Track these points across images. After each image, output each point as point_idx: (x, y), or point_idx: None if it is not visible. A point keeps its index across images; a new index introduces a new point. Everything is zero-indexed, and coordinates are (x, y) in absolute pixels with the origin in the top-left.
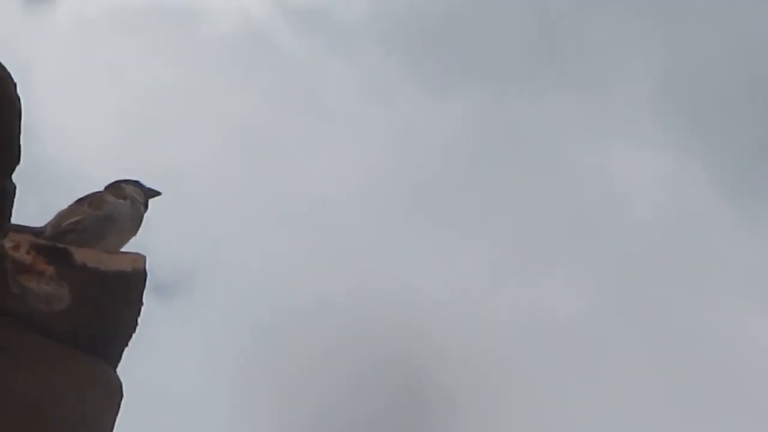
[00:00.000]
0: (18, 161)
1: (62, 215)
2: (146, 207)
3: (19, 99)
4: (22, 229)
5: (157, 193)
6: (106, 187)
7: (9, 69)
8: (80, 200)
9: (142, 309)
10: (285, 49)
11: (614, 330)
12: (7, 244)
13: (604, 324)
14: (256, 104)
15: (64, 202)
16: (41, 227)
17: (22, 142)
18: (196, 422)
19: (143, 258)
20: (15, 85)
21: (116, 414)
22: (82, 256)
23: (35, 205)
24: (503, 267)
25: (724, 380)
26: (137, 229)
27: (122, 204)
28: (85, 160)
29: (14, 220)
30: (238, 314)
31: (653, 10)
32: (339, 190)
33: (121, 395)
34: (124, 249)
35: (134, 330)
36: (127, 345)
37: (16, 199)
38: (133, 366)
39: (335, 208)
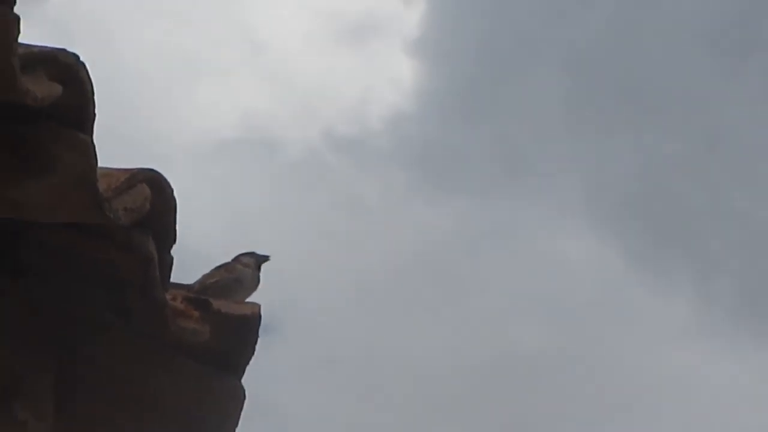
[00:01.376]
0: (174, 242)
1: (206, 276)
2: (260, 269)
3: (175, 201)
4: (178, 286)
5: (267, 258)
6: (234, 258)
7: (169, 181)
8: (218, 267)
9: (258, 340)
10: (335, 169)
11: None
12: (168, 297)
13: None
14: (321, 209)
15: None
16: (191, 284)
17: (177, 228)
18: None
19: (259, 306)
20: (172, 190)
21: (241, 411)
22: (218, 304)
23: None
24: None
25: None
26: (256, 287)
27: (246, 270)
28: (205, 243)
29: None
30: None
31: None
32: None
33: (244, 399)
34: (247, 300)
35: (253, 354)
36: (248, 364)
37: (174, 268)
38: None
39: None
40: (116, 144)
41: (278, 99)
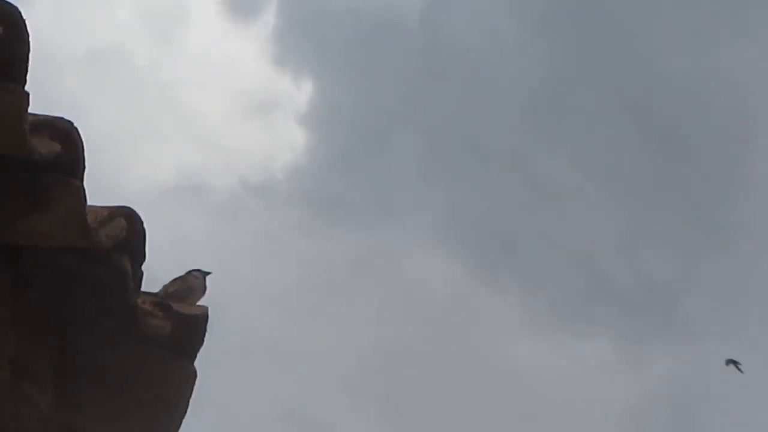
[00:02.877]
0: (144, 260)
1: (166, 286)
2: (205, 281)
3: (144, 232)
4: (146, 294)
5: (209, 273)
6: (186, 272)
7: (141, 216)
8: (175, 279)
9: (206, 333)
10: (250, 208)
11: None
12: (140, 301)
13: None
14: (242, 238)
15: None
16: (156, 292)
17: (146, 249)
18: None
19: (206, 308)
20: (142, 223)
21: (193, 386)
22: (177, 307)
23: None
24: None
25: None
26: (203, 294)
27: (196, 281)
28: (160, 264)
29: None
30: None
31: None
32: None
33: (196, 377)
34: (198, 303)
35: (202, 343)
36: (199, 350)
37: (144, 280)
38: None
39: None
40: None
41: (204, 156)
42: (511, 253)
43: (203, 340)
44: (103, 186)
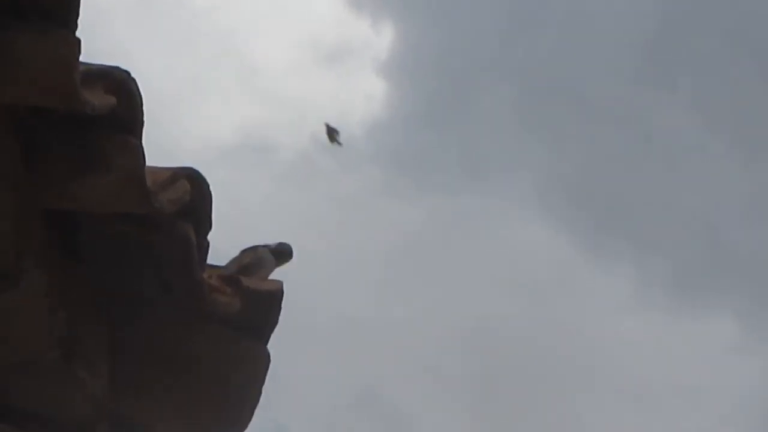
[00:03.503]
0: (210, 229)
1: (236, 259)
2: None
3: (211, 195)
4: (213, 267)
5: (285, 248)
6: (257, 245)
7: (206, 177)
8: (245, 250)
9: (281, 311)
10: (323, 169)
11: None
12: (205, 275)
13: None
14: (313, 203)
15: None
16: (223, 266)
17: (213, 217)
18: None
19: (281, 282)
20: (208, 185)
21: (266, 371)
22: (247, 282)
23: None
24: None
25: None
26: (273, 269)
27: (267, 253)
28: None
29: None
30: None
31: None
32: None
33: (269, 361)
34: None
35: (276, 323)
36: (272, 332)
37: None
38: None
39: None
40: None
41: (271, 112)
42: (621, 218)
43: (277, 320)
44: (157, 145)
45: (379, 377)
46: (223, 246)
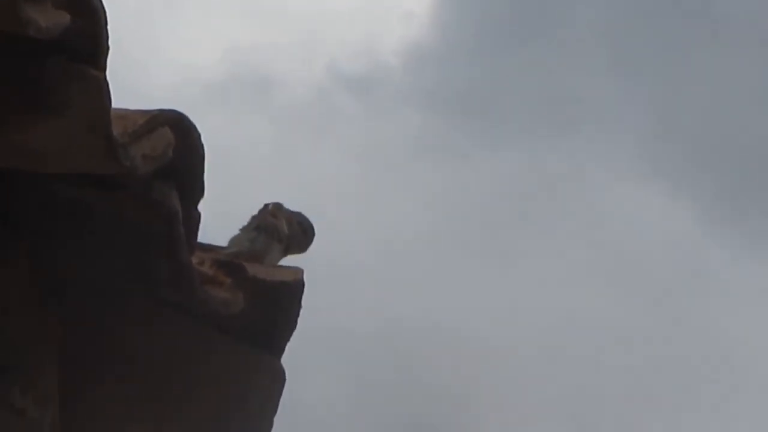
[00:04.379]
0: (202, 194)
1: (239, 237)
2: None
3: (203, 147)
4: (206, 248)
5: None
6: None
7: (195, 123)
8: (251, 225)
9: (300, 311)
10: (345, 112)
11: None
12: (195, 260)
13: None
14: (333, 159)
15: None
16: (220, 246)
17: (205, 180)
18: None
19: (301, 271)
20: (199, 135)
21: (280, 394)
22: (253, 269)
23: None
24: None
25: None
26: (303, 249)
27: (284, 227)
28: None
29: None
30: None
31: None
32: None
33: (284, 380)
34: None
35: (294, 327)
36: (288, 340)
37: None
38: None
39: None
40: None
41: (272, 34)
42: (757, 182)
43: (296, 322)
44: (124, 79)
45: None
46: (217, 219)
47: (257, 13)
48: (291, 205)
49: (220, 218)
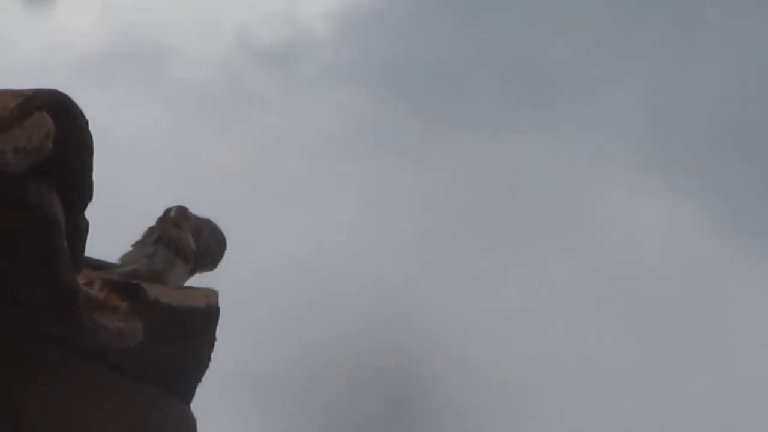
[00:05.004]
0: (90, 198)
1: (135, 251)
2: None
3: (90, 137)
4: (95, 265)
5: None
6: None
7: (80, 107)
8: (151, 234)
9: (215, 342)
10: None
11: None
12: (81, 280)
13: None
14: (237, 146)
15: None
16: (114, 263)
17: (93, 180)
18: None
19: (216, 293)
20: (87, 122)
21: None
22: (155, 291)
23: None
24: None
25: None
26: (214, 264)
27: (190, 240)
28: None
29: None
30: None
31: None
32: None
33: (195, 429)
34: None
35: (208, 365)
36: (200, 381)
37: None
38: None
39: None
40: None
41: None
42: None
43: (209, 358)
44: None
45: None
46: (106, 228)
47: None
48: (197, 209)
49: (110, 227)
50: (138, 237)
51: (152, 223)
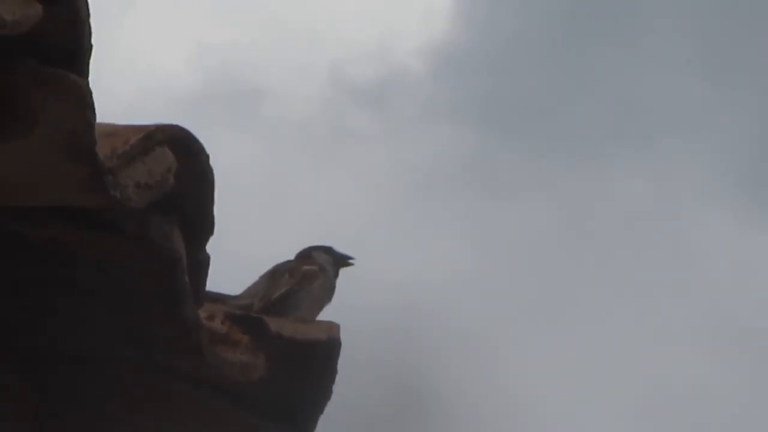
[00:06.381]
0: (212, 232)
1: (260, 286)
2: (337, 275)
3: (212, 171)
4: (217, 299)
5: (350, 262)
6: (297, 256)
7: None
8: (278, 269)
9: (336, 376)
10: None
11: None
12: (202, 314)
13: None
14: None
15: None
16: (236, 296)
17: (215, 214)
18: None
19: (337, 326)
20: (208, 157)
21: None
22: (277, 325)
23: None
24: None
25: None
26: (330, 299)
27: (323, 274)
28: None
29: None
30: None
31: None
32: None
33: None
34: (318, 317)
35: (329, 398)
36: (321, 413)
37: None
38: None
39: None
40: None
41: (252, 31)
42: None
43: (330, 391)
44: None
45: None
46: (224, 261)
47: (235, 6)
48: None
49: (227, 259)
50: (263, 270)
51: (278, 261)
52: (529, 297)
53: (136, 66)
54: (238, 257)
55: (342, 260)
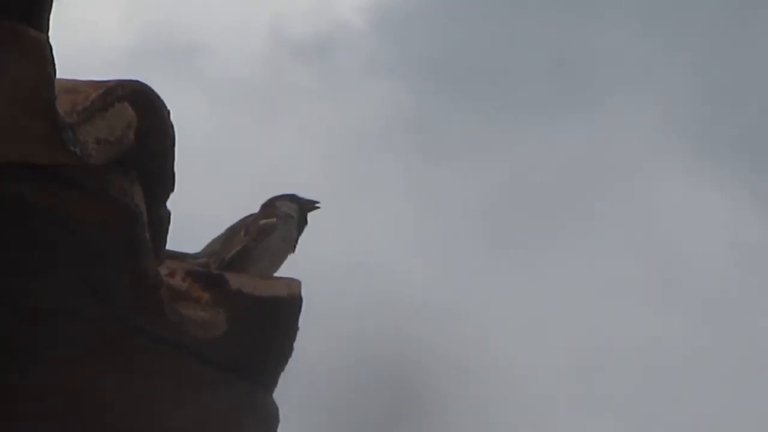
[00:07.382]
0: (173, 189)
1: (223, 239)
2: (306, 221)
3: (173, 127)
4: (177, 256)
5: (316, 206)
6: (262, 207)
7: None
8: (232, 229)
9: (297, 333)
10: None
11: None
12: (163, 271)
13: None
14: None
15: None
16: (196, 253)
17: (176, 170)
18: None
19: (298, 283)
20: (169, 112)
21: None
22: (238, 282)
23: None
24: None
25: None
26: (292, 249)
27: (286, 223)
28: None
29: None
30: None
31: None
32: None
33: (278, 421)
34: (278, 273)
35: (290, 355)
36: (283, 370)
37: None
38: None
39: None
40: None
41: None
42: None
43: (292, 347)
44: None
45: None
46: (186, 219)
47: None
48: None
49: (187, 217)
50: (223, 226)
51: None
52: (477, 257)
53: (70, 23)
54: (196, 216)
55: (308, 205)
